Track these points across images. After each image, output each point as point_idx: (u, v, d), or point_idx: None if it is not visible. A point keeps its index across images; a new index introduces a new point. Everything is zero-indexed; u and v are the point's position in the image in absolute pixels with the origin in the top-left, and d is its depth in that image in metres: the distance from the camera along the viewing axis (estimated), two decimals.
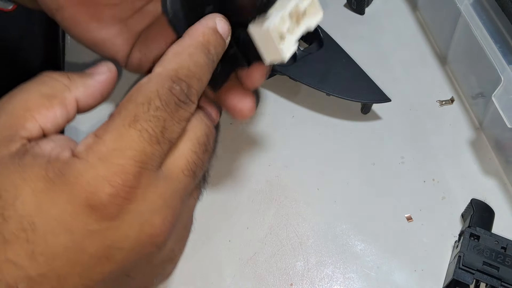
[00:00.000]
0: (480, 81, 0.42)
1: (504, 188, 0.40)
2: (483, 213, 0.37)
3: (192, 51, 0.24)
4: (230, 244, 0.39)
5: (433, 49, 0.49)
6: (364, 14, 0.52)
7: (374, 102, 0.43)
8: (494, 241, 0.35)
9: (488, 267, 0.34)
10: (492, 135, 0.42)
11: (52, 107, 0.24)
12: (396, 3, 0.53)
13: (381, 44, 0.49)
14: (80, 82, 0.25)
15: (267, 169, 0.42)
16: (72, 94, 0.25)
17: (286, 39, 0.27)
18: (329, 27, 0.47)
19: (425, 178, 0.41)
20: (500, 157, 0.41)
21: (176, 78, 0.23)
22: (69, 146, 0.23)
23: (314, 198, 0.41)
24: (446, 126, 0.44)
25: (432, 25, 0.49)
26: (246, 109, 0.31)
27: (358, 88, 0.43)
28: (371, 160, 0.42)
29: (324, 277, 0.37)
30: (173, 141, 0.23)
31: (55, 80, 0.25)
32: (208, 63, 0.25)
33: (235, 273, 0.37)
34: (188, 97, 0.23)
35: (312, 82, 0.43)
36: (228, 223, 0.40)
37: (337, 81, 0.43)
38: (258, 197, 0.41)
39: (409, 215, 0.40)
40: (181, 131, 0.24)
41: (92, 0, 0.33)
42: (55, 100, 0.24)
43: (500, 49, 0.37)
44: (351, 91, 0.43)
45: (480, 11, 0.39)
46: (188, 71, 0.24)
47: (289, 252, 0.38)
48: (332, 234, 0.39)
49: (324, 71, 0.43)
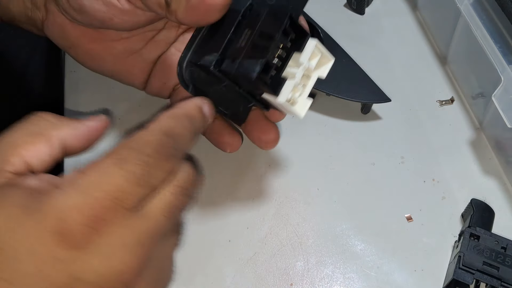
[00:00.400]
0: (480, 81, 0.42)
1: (504, 188, 0.40)
2: (483, 213, 0.37)
3: (182, 118, 0.27)
4: (230, 244, 0.39)
5: (433, 49, 0.49)
6: (364, 14, 0.52)
7: (374, 102, 0.43)
8: (494, 241, 0.35)
9: (488, 267, 0.34)
10: (492, 135, 0.42)
11: (37, 143, 0.25)
12: (396, 3, 0.53)
13: (381, 44, 0.49)
14: (68, 123, 0.26)
15: (267, 169, 0.42)
16: (58, 132, 0.26)
17: (298, 102, 0.29)
18: (329, 27, 0.47)
19: (425, 178, 0.41)
20: (500, 157, 0.41)
21: (169, 133, 0.25)
22: (54, 182, 0.24)
23: (314, 198, 0.41)
24: (446, 126, 0.44)
25: (432, 25, 0.49)
26: (270, 140, 0.35)
27: (358, 88, 0.43)
28: (371, 160, 0.42)
29: (324, 277, 0.37)
30: (155, 186, 0.24)
31: (43, 119, 0.26)
32: (192, 131, 0.27)
33: (235, 273, 0.37)
34: (176, 150, 0.25)
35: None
36: (228, 223, 0.40)
37: (337, 81, 0.43)
38: (258, 197, 0.41)
39: (409, 215, 0.40)
40: (164, 179, 0.24)
41: (103, 36, 0.35)
42: (41, 137, 0.25)
43: (500, 49, 0.37)
44: (351, 91, 0.43)
45: (480, 11, 0.39)
46: (178, 130, 0.26)
47: (289, 252, 0.38)
48: (332, 234, 0.39)
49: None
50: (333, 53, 0.45)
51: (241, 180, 0.42)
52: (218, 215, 0.40)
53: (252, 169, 0.42)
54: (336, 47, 0.45)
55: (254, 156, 0.43)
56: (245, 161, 0.43)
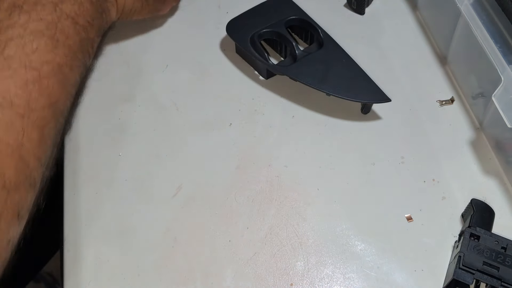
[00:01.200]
0: (480, 81, 0.42)
1: (504, 188, 0.40)
2: (483, 213, 0.37)
3: None
4: (230, 244, 0.39)
5: (433, 49, 0.49)
6: (364, 14, 0.52)
7: (374, 102, 0.43)
8: (494, 241, 0.35)
9: (488, 267, 0.34)
10: (492, 135, 0.42)
11: None
12: (396, 3, 0.53)
13: (381, 44, 0.49)
14: None
15: (267, 169, 0.42)
16: None
17: None
18: (329, 27, 0.47)
19: (425, 178, 0.41)
20: (500, 157, 0.41)
21: None
22: None
23: (314, 198, 0.41)
24: (446, 126, 0.44)
25: (432, 25, 0.49)
26: None
27: (358, 88, 0.43)
28: (371, 160, 0.42)
29: (324, 277, 0.37)
30: None
31: None
32: None
33: (235, 273, 0.37)
34: None
35: (312, 82, 0.43)
36: (228, 223, 0.40)
37: (337, 81, 0.43)
38: (258, 197, 0.41)
39: (409, 215, 0.40)
40: None
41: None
42: None
43: (500, 49, 0.37)
44: (351, 91, 0.43)
45: (480, 11, 0.39)
46: None
47: (289, 252, 0.38)
48: (332, 234, 0.39)
49: (324, 71, 0.43)
50: (333, 53, 0.45)
51: (241, 180, 0.42)
52: (218, 215, 0.40)
53: (252, 169, 0.42)
54: (336, 47, 0.45)
55: (254, 156, 0.43)
56: (245, 161, 0.43)
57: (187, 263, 0.38)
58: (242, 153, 0.43)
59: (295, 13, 0.48)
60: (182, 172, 0.42)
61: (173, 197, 0.41)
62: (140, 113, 0.46)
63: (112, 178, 0.42)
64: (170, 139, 0.44)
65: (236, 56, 0.50)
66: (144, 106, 0.47)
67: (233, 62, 0.49)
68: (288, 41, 0.46)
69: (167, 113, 0.46)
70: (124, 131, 0.45)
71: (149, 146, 0.44)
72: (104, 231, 0.40)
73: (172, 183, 0.42)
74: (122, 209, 0.41)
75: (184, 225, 0.40)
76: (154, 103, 0.47)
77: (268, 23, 0.47)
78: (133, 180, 0.42)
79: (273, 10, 0.48)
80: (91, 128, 0.45)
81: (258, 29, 0.47)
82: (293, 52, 0.46)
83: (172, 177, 0.42)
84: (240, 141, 0.44)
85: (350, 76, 0.44)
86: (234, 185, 0.42)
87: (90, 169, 0.43)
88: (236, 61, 0.49)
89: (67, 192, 0.42)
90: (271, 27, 0.47)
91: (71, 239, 0.39)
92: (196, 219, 0.40)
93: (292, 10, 0.48)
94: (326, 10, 0.52)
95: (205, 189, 0.41)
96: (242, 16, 0.48)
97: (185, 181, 0.42)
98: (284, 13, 0.48)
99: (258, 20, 0.48)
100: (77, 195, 0.42)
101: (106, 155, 0.44)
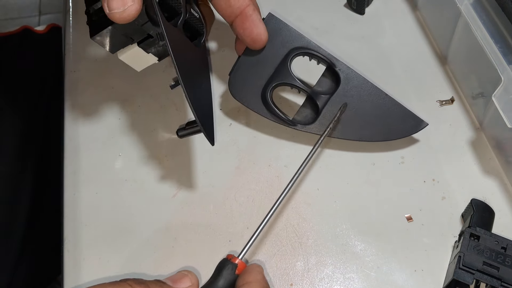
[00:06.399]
0: (480, 81, 0.42)
1: (504, 188, 0.40)
2: (483, 213, 0.37)
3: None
4: (230, 244, 0.39)
5: (433, 49, 0.49)
6: (364, 14, 0.52)
7: (414, 132, 0.41)
8: (494, 241, 0.35)
9: (488, 267, 0.34)
10: (492, 135, 0.42)
11: None
12: (396, 3, 0.53)
13: (381, 44, 0.49)
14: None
15: (267, 169, 0.42)
16: None
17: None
18: (329, 27, 0.47)
19: (425, 178, 0.41)
20: (500, 157, 0.41)
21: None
22: None
23: (314, 198, 0.41)
24: (446, 126, 0.44)
25: (432, 25, 0.49)
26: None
27: (395, 122, 0.41)
28: (371, 160, 0.42)
29: (324, 277, 0.37)
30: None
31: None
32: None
33: None
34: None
35: (350, 136, 0.41)
36: (228, 223, 0.40)
37: (373, 124, 0.41)
38: (258, 197, 0.41)
39: (409, 215, 0.40)
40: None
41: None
42: None
43: (500, 49, 0.37)
44: (392, 131, 0.41)
45: (480, 11, 0.39)
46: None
47: (289, 252, 0.38)
48: (332, 234, 0.39)
49: (354, 118, 0.41)
50: (354, 89, 0.41)
51: (241, 180, 0.42)
52: (218, 215, 0.40)
53: (252, 169, 0.42)
54: (353, 77, 0.41)
55: (254, 157, 0.43)
56: (245, 162, 0.43)
57: (188, 264, 0.38)
58: (242, 153, 0.43)
59: (297, 44, 0.41)
60: (182, 172, 0.42)
61: (173, 197, 0.41)
62: (140, 113, 0.46)
63: (112, 178, 0.42)
64: (170, 139, 0.44)
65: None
66: (144, 106, 0.47)
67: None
68: (302, 90, 0.41)
69: (167, 113, 0.46)
70: (124, 131, 0.45)
71: (149, 146, 0.44)
72: (104, 231, 0.40)
73: (172, 183, 0.42)
74: (122, 209, 0.41)
75: (184, 225, 0.40)
76: (154, 103, 0.47)
77: (272, 68, 0.41)
78: (133, 180, 0.42)
79: (271, 46, 0.41)
80: (91, 128, 0.45)
81: (265, 81, 0.41)
82: (309, 97, 0.42)
83: (172, 177, 0.42)
84: (240, 141, 0.44)
85: (381, 111, 0.41)
86: (234, 185, 0.42)
87: (90, 169, 0.43)
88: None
89: (67, 192, 0.42)
90: (279, 76, 0.41)
91: (71, 239, 0.39)
92: (196, 219, 0.40)
93: (293, 40, 0.41)
94: (326, 10, 0.52)
95: (205, 189, 0.41)
96: (240, 67, 0.42)
97: (185, 181, 0.42)
98: (285, 47, 0.41)
99: (259, 69, 0.41)
100: (77, 195, 0.42)
101: (106, 155, 0.44)
